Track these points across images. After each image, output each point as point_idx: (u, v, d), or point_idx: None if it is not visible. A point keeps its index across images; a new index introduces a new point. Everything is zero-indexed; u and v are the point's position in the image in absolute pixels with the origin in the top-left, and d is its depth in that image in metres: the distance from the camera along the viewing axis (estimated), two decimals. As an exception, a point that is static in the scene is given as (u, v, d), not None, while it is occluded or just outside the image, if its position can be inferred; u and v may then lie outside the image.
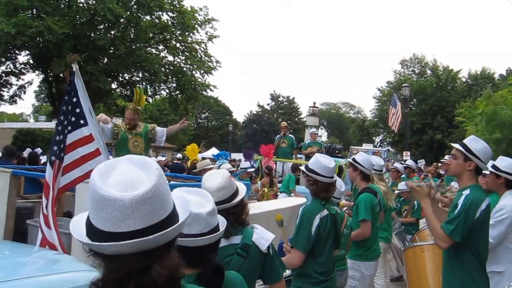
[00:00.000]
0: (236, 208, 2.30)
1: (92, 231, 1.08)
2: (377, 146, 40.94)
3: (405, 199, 7.43)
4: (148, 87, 23.24)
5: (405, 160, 13.67)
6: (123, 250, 1.05)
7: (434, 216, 3.04)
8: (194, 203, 1.66)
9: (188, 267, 1.64)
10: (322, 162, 3.35)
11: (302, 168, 3.50)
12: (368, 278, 4.47)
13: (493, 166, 3.79)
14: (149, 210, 1.07)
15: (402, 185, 7.44)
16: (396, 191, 7.27)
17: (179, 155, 18.08)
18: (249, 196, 6.90)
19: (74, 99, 3.58)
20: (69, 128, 3.63)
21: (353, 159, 4.57)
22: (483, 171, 3.45)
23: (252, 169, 8.97)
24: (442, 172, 11.67)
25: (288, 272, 3.56)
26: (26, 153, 12.31)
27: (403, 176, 8.77)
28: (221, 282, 1.67)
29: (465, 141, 3.11)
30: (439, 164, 16.07)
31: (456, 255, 2.99)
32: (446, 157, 9.95)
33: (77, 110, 3.59)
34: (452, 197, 3.32)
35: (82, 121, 3.60)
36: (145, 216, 1.06)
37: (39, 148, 14.12)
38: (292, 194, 9.12)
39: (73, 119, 3.62)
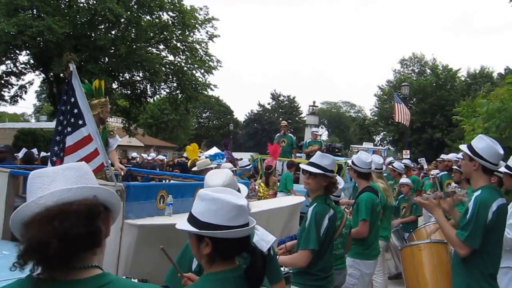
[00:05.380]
0: None
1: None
2: (377, 144, 40.98)
3: (404, 196, 7.43)
4: (149, 87, 23.26)
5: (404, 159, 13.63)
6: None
7: (448, 224, 2.98)
8: (231, 198, 1.72)
9: (230, 261, 1.71)
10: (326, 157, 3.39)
11: (303, 166, 3.44)
12: (367, 277, 4.48)
13: (507, 167, 3.68)
14: None
15: (404, 179, 7.67)
16: (401, 181, 7.51)
17: (185, 155, 18.00)
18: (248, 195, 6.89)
19: (72, 99, 3.58)
20: (69, 129, 3.63)
21: (352, 162, 4.62)
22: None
23: (250, 166, 8.96)
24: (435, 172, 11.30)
25: (286, 269, 3.57)
26: (21, 153, 12.28)
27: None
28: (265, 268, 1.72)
29: (473, 141, 3.03)
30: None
31: (462, 260, 2.89)
32: (442, 155, 10.03)
33: (75, 111, 3.58)
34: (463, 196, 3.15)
35: (80, 122, 3.59)
36: None
37: (35, 149, 14.10)
38: (292, 194, 9.11)
39: (72, 119, 3.62)
